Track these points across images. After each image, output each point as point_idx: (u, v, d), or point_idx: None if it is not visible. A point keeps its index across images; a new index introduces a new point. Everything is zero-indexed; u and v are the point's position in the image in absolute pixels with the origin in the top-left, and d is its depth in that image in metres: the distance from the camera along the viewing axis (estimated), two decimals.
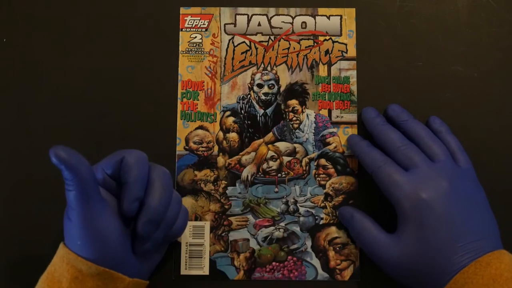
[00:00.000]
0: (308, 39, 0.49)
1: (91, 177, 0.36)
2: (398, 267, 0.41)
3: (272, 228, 0.47)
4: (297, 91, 0.49)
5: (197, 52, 0.49)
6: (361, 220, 0.44)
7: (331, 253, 0.47)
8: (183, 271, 0.46)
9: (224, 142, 0.48)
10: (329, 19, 0.49)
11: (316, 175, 0.48)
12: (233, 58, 0.49)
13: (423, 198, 0.40)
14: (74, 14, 0.49)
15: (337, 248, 0.47)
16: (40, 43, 0.49)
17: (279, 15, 0.49)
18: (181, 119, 0.48)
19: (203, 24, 0.49)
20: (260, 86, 0.49)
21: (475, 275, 0.37)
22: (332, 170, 0.48)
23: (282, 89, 0.49)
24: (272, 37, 0.49)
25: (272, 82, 0.49)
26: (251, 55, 0.49)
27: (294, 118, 0.48)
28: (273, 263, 0.47)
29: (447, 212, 0.40)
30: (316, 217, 0.47)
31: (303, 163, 0.48)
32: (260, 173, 0.48)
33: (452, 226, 0.39)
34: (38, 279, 0.39)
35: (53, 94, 0.48)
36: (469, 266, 0.38)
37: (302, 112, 0.49)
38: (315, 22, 0.49)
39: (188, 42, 0.49)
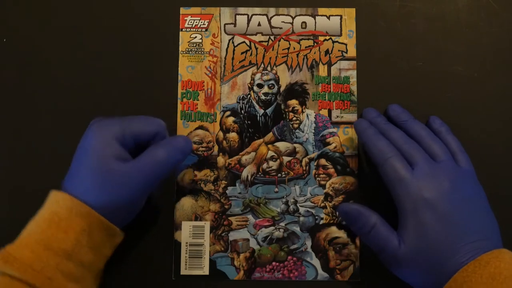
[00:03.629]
0: (308, 39, 0.49)
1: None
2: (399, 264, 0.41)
3: (272, 228, 0.47)
4: (297, 91, 0.49)
5: (197, 52, 0.49)
6: (367, 215, 0.43)
7: (331, 253, 0.47)
8: (183, 271, 0.46)
9: (224, 142, 0.48)
10: (329, 19, 0.49)
11: (316, 175, 0.48)
12: (233, 58, 0.49)
13: (425, 197, 0.40)
14: (74, 14, 0.49)
15: (337, 248, 0.47)
16: (40, 43, 0.49)
17: (279, 15, 0.49)
18: (181, 119, 0.48)
19: (203, 24, 0.49)
20: (260, 86, 0.49)
21: (474, 273, 0.37)
22: (332, 170, 0.48)
23: (282, 89, 0.49)
24: (272, 37, 0.49)
25: (272, 82, 0.49)
26: (251, 55, 0.49)
27: (294, 118, 0.48)
28: (273, 263, 0.47)
29: (448, 212, 0.40)
30: (316, 217, 0.47)
31: (303, 163, 0.48)
32: (260, 173, 0.48)
33: (452, 226, 0.39)
34: None
35: (53, 94, 0.48)
36: (468, 264, 0.38)
37: (302, 112, 0.49)
38: (315, 22, 0.49)
39: (188, 42, 0.49)
